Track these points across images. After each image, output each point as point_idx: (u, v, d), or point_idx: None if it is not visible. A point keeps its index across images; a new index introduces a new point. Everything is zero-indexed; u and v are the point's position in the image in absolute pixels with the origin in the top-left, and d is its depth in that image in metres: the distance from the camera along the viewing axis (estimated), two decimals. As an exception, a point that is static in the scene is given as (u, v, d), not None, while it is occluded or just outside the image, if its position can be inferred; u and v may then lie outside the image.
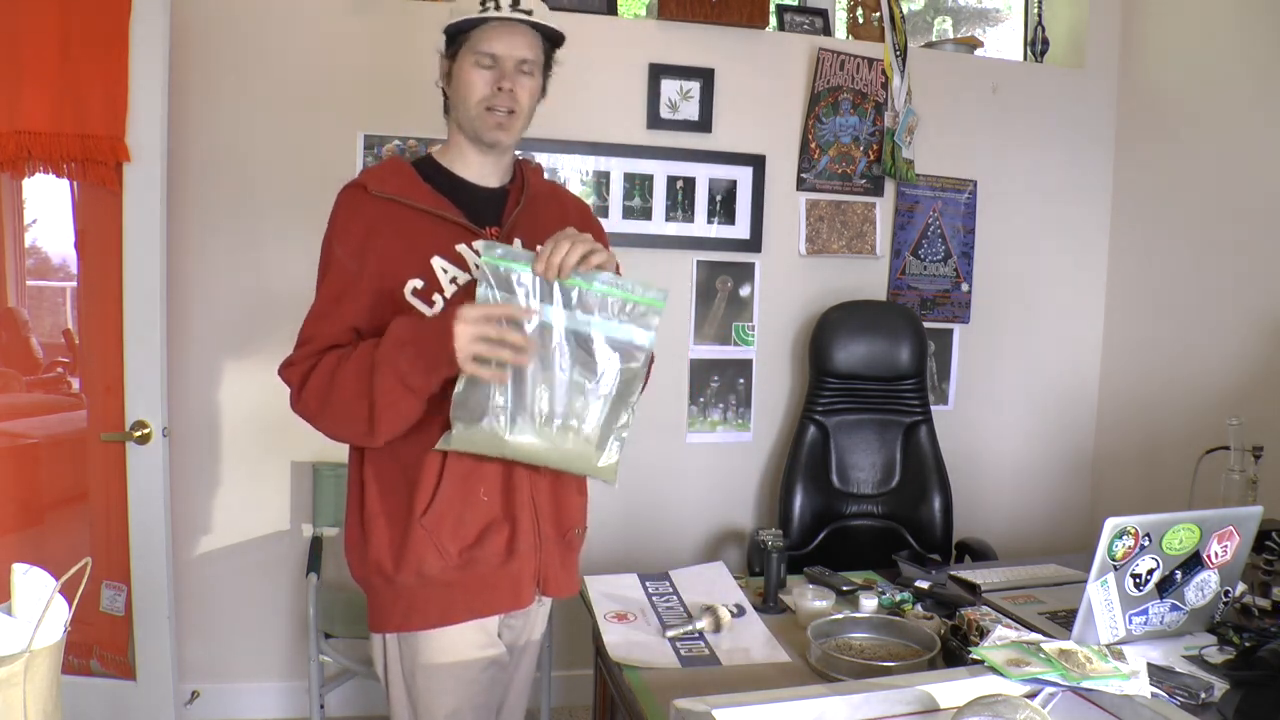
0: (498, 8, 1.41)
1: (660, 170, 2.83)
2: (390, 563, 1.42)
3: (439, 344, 1.30)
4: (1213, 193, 2.79)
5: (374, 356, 1.33)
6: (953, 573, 2.00)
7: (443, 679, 1.45)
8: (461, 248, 1.45)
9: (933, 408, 2.87)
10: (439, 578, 1.42)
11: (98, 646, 2.37)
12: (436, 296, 1.42)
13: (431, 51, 1.54)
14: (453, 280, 1.43)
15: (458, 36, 1.46)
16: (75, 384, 2.55)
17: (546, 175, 1.68)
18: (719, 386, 2.95)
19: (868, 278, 3.03)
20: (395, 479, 1.44)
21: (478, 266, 1.36)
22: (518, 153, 1.60)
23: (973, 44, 3.19)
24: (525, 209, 1.54)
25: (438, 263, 1.43)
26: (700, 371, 2.93)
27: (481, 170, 1.52)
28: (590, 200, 2.76)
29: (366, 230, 1.43)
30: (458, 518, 1.42)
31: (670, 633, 1.63)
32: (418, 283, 1.42)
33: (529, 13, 1.43)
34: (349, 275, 1.42)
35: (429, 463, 1.41)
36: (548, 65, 1.53)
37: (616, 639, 1.60)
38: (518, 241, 1.48)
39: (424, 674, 1.45)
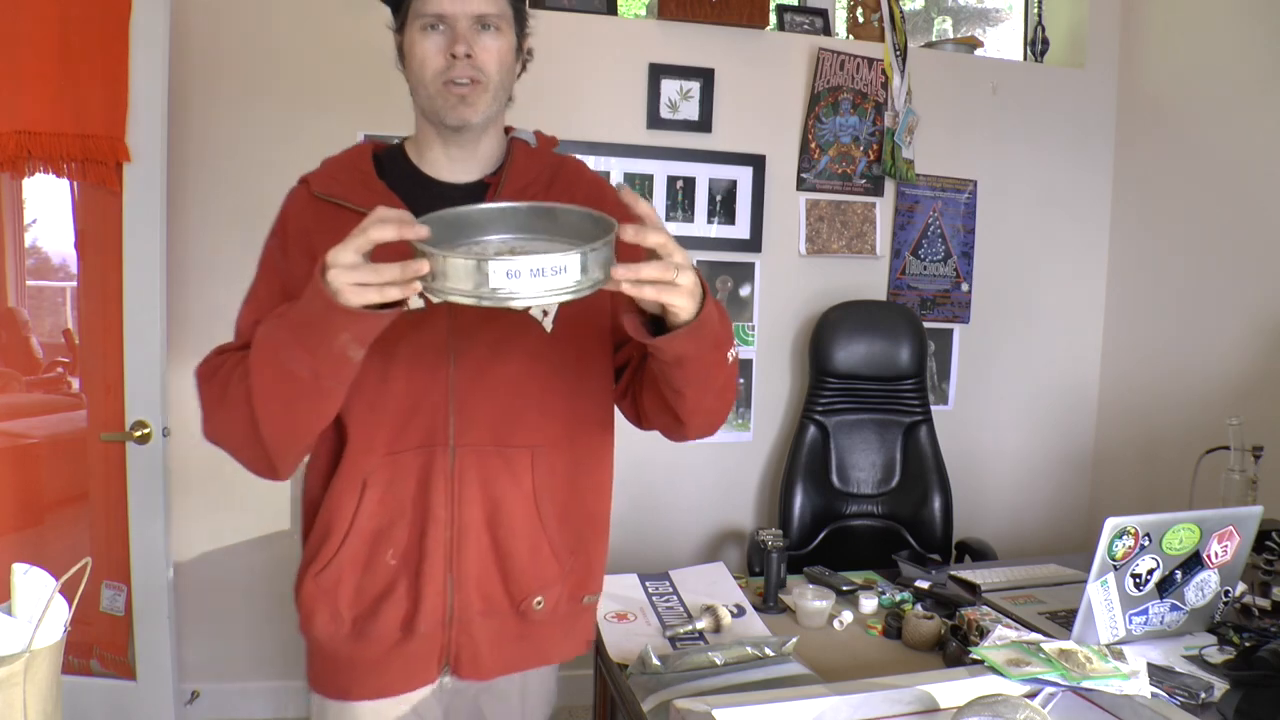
0: None
1: (660, 170, 2.82)
2: (299, 610, 1.24)
3: (314, 298, 0.97)
4: (1212, 193, 2.79)
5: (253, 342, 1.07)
6: (953, 573, 2.00)
7: None
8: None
9: (933, 408, 2.87)
10: (326, 645, 1.24)
11: (98, 646, 2.37)
12: None
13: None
14: None
15: (401, 2, 1.19)
16: (75, 384, 2.55)
17: None
18: (719, 386, 2.94)
19: (868, 278, 3.03)
20: (309, 516, 1.24)
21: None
22: (533, 131, 1.33)
23: (973, 44, 3.19)
24: None
25: None
26: (700, 371, 2.92)
27: (451, 163, 1.25)
28: (590, 200, 2.76)
29: (301, 232, 1.21)
30: (357, 581, 1.21)
31: (670, 633, 1.63)
32: None
33: None
34: (276, 273, 1.22)
35: (342, 507, 1.19)
36: (521, 21, 1.22)
37: (616, 639, 1.60)
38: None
39: None
